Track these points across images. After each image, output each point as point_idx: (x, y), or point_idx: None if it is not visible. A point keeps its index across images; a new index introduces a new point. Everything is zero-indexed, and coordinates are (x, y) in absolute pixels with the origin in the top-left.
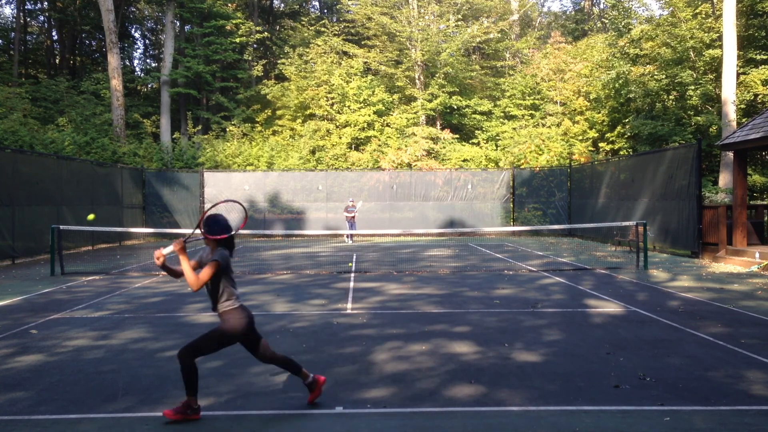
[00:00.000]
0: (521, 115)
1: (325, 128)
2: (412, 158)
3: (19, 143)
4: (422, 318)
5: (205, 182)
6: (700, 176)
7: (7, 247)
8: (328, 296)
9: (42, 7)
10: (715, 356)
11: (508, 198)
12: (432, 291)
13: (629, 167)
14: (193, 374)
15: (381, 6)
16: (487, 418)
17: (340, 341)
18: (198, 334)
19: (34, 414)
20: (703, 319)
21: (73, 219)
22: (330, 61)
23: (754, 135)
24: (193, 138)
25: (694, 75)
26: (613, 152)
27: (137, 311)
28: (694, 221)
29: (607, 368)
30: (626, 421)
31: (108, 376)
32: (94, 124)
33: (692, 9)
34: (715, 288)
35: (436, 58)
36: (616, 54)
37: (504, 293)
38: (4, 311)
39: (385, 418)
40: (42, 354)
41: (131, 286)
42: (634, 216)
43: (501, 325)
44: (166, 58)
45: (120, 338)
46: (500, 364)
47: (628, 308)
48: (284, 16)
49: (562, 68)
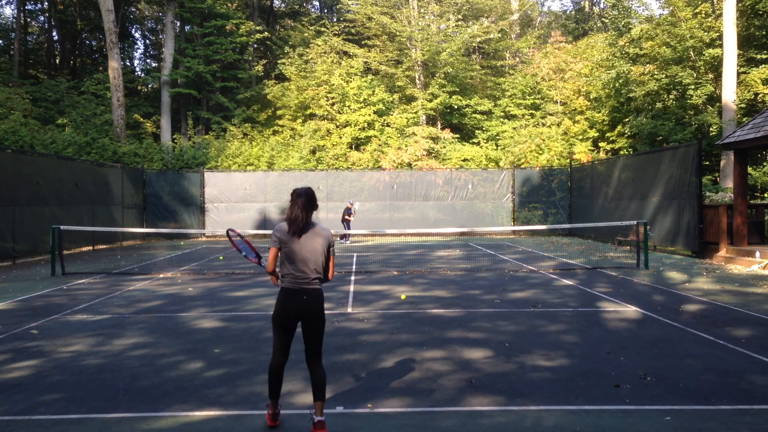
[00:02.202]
0: (521, 115)
1: (325, 128)
2: (412, 158)
3: (20, 143)
4: (423, 318)
5: (205, 182)
6: (700, 176)
7: (8, 247)
8: (334, 299)
9: (42, 7)
10: (716, 355)
11: (508, 198)
12: (438, 293)
13: (630, 167)
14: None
15: (381, 6)
16: (488, 417)
17: (346, 346)
18: (198, 336)
19: (34, 414)
20: (704, 318)
21: (73, 219)
22: (330, 61)
23: (754, 134)
24: (194, 138)
25: (695, 74)
26: (614, 152)
27: (138, 312)
28: (694, 221)
29: (607, 368)
30: (627, 420)
31: (108, 377)
32: (94, 125)
33: (692, 8)
34: (716, 287)
35: (436, 58)
36: (616, 53)
37: (505, 293)
38: (5, 311)
39: (385, 418)
40: (42, 354)
41: (132, 287)
42: (635, 215)
43: (501, 324)
44: (167, 59)
45: (120, 339)
46: (500, 363)
47: (628, 307)
48: (284, 16)
49: (562, 68)
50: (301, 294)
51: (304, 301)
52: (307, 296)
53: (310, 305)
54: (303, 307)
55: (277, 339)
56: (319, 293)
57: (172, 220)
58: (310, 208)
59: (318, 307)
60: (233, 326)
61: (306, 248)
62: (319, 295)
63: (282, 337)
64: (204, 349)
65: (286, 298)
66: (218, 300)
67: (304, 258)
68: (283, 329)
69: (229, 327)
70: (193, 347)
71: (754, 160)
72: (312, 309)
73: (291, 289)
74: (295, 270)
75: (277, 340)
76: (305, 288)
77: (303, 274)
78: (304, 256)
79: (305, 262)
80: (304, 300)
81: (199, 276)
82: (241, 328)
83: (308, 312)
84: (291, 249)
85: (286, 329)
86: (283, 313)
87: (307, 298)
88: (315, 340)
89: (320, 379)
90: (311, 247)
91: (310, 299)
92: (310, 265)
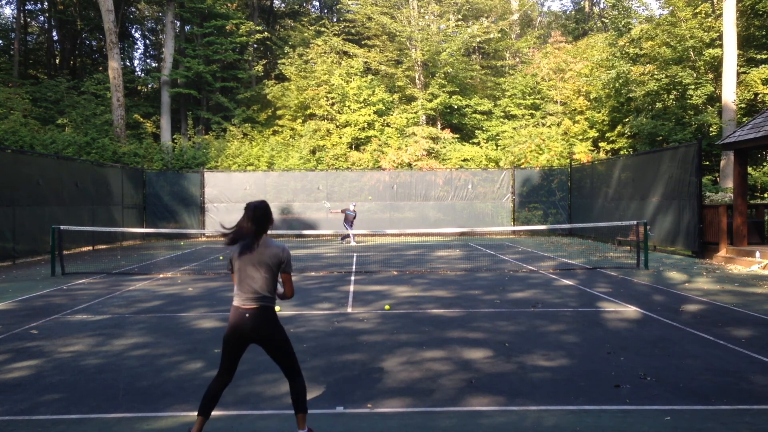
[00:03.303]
0: (521, 115)
1: (325, 128)
2: (412, 158)
3: (20, 143)
4: (424, 318)
5: (205, 182)
6: (700, 175)
7: (8, 247)
8: (334, 300)
9: (42, 7)
10: (716, 355)
11: (508, 198)
12: (438, 294)
13: (630, 167)
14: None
15: (381, 6)
16: (488, 417)
17: (346, 346)
18: (198, 336)
19: (34, 414)
20: (704, 319)
21: (73, 219)
22: (330, 61)
23: (754, 134)
24: (194, 138)
25: (695, 74)
26: (614, 152)
27: (138, 313)
28: (694, 221)
29: (607, 368)
30: (627, 420)
31: (108, 377)
32: (94, 125)
33: (692, 8)
34: (716, 287)
35: (436, 58)
36: (616, 53)
37: (505, 293)
38: (5, 311)
39: (385, 418)
40: (42, 354)
41: (132, 287)
42: (635, 215)
43: (501, 324)
44: (167, 59)
45: (120, 339)
46: (500, 363)
47: (628, 308)
48: (284, 16)
49: (562, 68)
50: (244, 312)
51: (246, 320)
52: (250, 314)
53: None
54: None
55: (223, 358)
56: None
57: (172, 220)
58: (263, 223)
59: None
60: None
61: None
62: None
63: (227, 357)
64: (204, 349)
65: (232, 316)
66: (218, 300)
67: (250, 275)
68: (228, 349)
69: None
70: (193, 347)
71: (754, 160)
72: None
73: (237, 307)
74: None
75: (223, 360)
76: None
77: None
78: (250, 273)
79: (253, 279)
80: (246, 318)
81: (199, 276)
82: None
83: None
84: (239, 266)
85: (232, 350)
86: (229, 332)
87: (250, 317)
88: (281, 360)
89: (299, 392)
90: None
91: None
92: (257, 282)
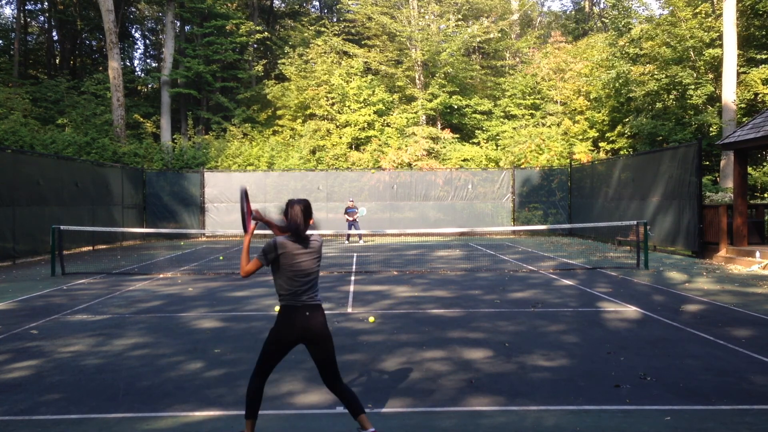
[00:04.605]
0: (521, 115)
1: (325, 128)
2: (412, 158)
3: (20, 143)
4: (424, 319)
5: (205, 182)
6: (700, 175)
7: (8, 247)
8: (334, 300)
9: (42, 7)
10: (716, 355)
11: (508, 198)
12: (438, 294)
13: (630, 167)
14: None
15: (381, 6)
16: (488, 417)
17: (346, 346)
18: (198, 336)
19: (34, 414)
20: (704, 319)
21: (73, 219)
22: (330, 61)
23: (754, 134)
24: (194, 138)
25: (695, 74)
26: (614, 152)
27: (138, 313)
28: (694, 221)
29: (607, 368)
30: (627, 420)
31: (108, 377)
32: (94, 125)
33: (692, 8)
34: (716, 287)
35: (436, 58)
36: (616, 53)
37: (505, 293)
38: (5, 311)
39: (385, 418)
40: (42, 354)
41: (132, 287)
42: (635, 215)
43: (501, 325)
44: (167, 59)
45: (120, 339)
46: (500, 363)
47: (628, 308)
48: (284, 16)
49: (562, 68)
50: (304, 311)
51: (306, 318)
52: (310, 312)
53: (314, 323)
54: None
55: (268, 358)
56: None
57: (172, 220)
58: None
59: (323, 326)
60: (233, 326)
61: (309, 259)
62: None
63: (274, 357)
64: (204, 349)
65: (287, 317)
66: (218, 300)
67: (306, 270)
68: (278, 348)
69: (229, 327)
70: (193, 347)
71: (754, 160)
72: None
73: (293, 306)
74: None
75: (265, 362)
76: (309, 304)
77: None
78: (305, 268)
79: (308, 275)
80: (307, 317)
81: (199, 276)
82: (241, 328)
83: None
84: (291, 262)
85: (281, 350)
86: (286, 332)
87: (311, 316)
88: (329, 364)
89: (352, 393)
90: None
91: (315, 316)
92: (313, 278)
